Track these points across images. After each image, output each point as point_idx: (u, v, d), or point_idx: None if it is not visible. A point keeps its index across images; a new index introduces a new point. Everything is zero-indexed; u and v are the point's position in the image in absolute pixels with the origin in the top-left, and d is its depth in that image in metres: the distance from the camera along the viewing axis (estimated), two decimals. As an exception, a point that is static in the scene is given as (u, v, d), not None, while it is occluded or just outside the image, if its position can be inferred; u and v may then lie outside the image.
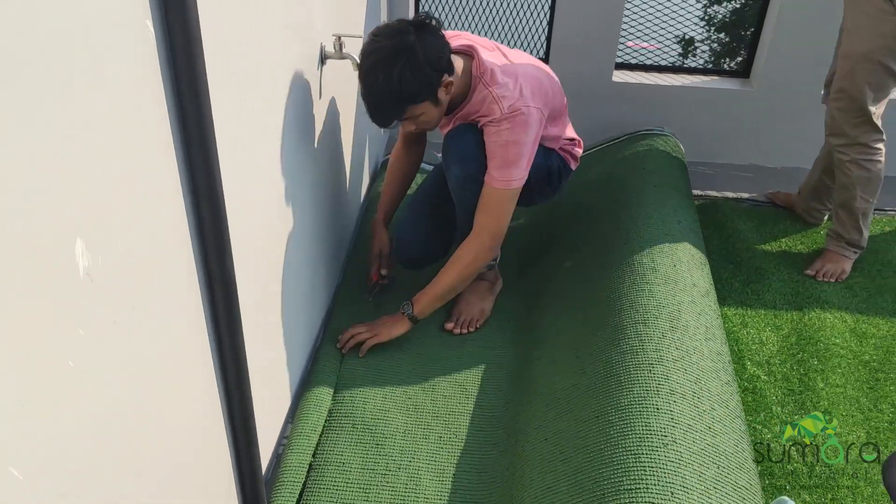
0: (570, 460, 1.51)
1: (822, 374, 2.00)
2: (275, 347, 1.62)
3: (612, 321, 1.81)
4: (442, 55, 1.69)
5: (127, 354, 0.94)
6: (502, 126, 1.76)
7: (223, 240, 1.14)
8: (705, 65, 5.80)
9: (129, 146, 0.90)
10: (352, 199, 2.39)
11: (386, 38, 1.66)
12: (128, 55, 0.88)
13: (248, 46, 1.28)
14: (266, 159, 1.46)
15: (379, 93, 1.67)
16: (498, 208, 1.83)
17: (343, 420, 1.75)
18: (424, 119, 1.78)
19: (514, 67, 1.83)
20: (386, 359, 1.92)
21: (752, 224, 2.66)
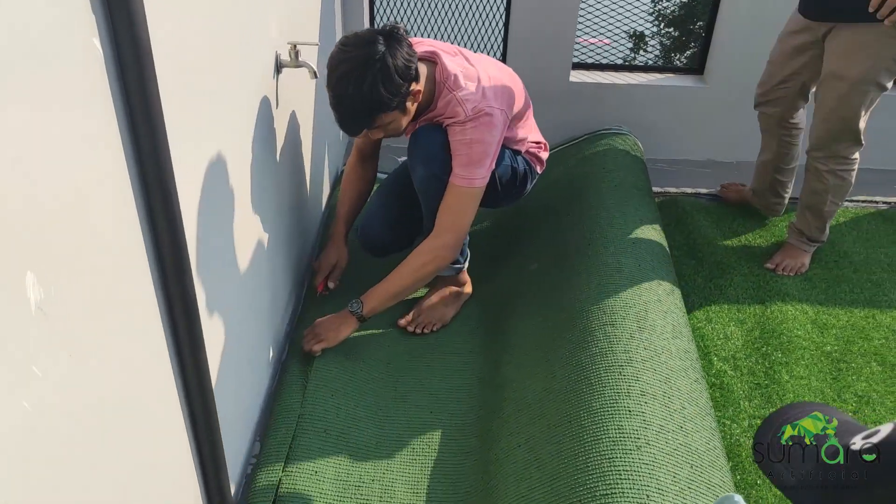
0: (544, 467, 1.50)
1: (787, 366, 2.03)
2: (239, 365, 1.58)
3: (581, 323, 1.81)
4: (410, 64, 1.68)
5: (85, 389, 0.89)
6: (467, 126, 1.77)
7: (182, 260, 1.11)
8: (656, 59, 5.88)
9: (79, 169, 0.86)
10: (312, 208, 2.36)
11: (356, 47, 1.64)
12: (75, 76, 0.84)
13: (200, 59, 1.24)
14: (225, 175, 1.42)
15: (350, 103, 1.66)
16: (460, 207, 1.82)
17: (317, 424, 1.70)
18: (393, 127, 1.78)
19: (477, 71, 1.83)
20: (358, 361, 1.89)
21: (711, 219, 2.69)
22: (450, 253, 1.86)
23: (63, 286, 0.82)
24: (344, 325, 1.85)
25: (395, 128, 1.79)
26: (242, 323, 1.58)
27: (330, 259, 2.08)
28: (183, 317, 1.14)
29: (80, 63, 0.86)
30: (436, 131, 1.83)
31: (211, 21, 1.30)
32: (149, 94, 0.95)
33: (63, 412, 0.84)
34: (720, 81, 3.00)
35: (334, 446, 1.67)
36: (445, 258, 1.86)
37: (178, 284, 1.11)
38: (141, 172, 1.00)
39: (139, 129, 0.97)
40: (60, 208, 0.82)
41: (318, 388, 1.78)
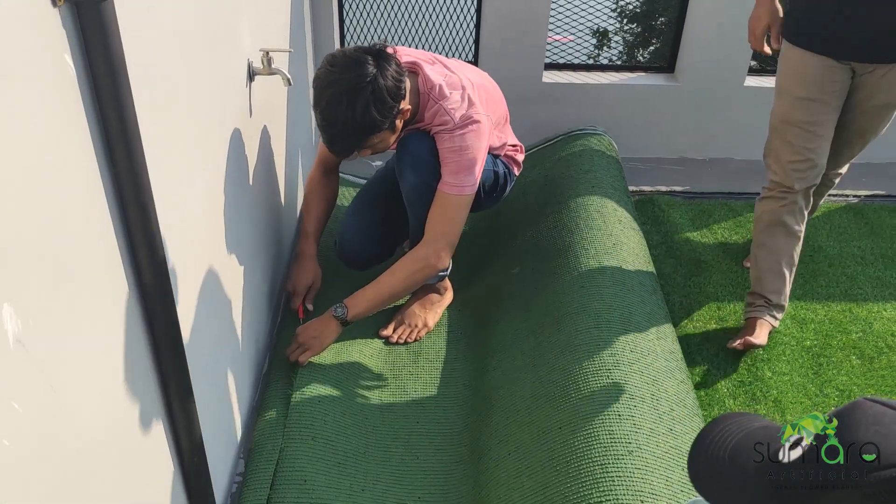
0: (536, 475, 1.49)
1: (769, 363, 2.04)
2: (220, 382, 1.54)
3: (566, 327, 1.80)
4: (400, 83, 1.67)
5: (67, 422, 0.85)
6: (455, 133, 1.76)
7: (164, 281, 1.07)
8: (619, 56, 5.92)
9: (54, 192, 0.82)
10: (287, 216, 2.32)
11: (345, 69, 1.62)
12: (47, 94, 0.80)
13: (172, 70, 1.20)
14: (202, 190, 1.38)
15: (342, 126, 1.64)
16: (451, 215, 1.80)
17: (304, 432, 1.65)
18: (382, 146, 1.77)
19: (459, 79, 1.82)
20: (342, 370, 1.85)
21: (687, 217, 2.71)
22: (441, 262, 1.83)
23: (41, 316, 0.79)
24: (327, 331, 1.81)
25: (383, 146, 1.78)
26: (223, 339, 1.54)
27: (305, 280, 1.99)
28: (165, 339, 1.10)
29: (51, 80, 0.82)
30: (424, 138, 1.81)
31: (182, 30, 1.26)
32: (124, 111, 0.92)
33: (45, 448, 0.80)
34: (691, 79, 3.01)
35: (322, 454, 1.63)
36: (436, 266, 1.83)
37: (160, 306, 1.07)
38: (118, 192, 0.96)
39: (115, 147, 0.93)
40: (35, 234, 0.78)
41: (303, 396, 1.74)
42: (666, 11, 6.27)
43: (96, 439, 0.94)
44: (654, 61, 4.85)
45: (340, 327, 1.82)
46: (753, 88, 3.05)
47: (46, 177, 0.80)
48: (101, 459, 0.95)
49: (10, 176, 0.73)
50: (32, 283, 0.77)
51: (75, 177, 0.87)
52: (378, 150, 1.79)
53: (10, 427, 0.73)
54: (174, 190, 1.19)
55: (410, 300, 2.09)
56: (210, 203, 1.44)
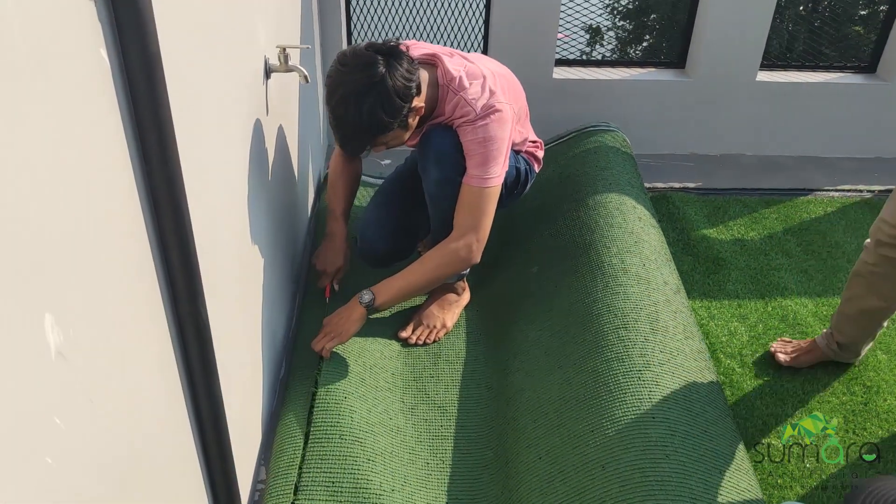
0: (569, 480, 1.45)
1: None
2: (243, 388, 1.50)
3: (592, 327, 1.76)
4: (411, 82, 1.63)
5: (107, 437, 0.81)
6: (478, 124, 1.72)
7: (195, 286, 1.03)
8: (613, 52, 5.91)
9: (88, 194, 0.78)
10: (300, 217, 2.27)
11: (356, 70, 1.60)
12: (83, 92, 0.76)
13: (199, 65, 1.16)
14: (226, 192, 1.33)
15: (351, 126, 1.63)
16: (480, 208, 1.76)
17: (330, 431, 1.60)
18: (395, 143, 1.75)
19: (480, 69, 1.79)
20: (364, 369, 1.80)
21: (703, 213, 2.67)
22: (470, 256, 1.78)
23: (79, 326, 0.74)
24: (353, 318, 1.78)
25: (396, 143, 1.75)
26: (246, 343, 1.50)
27: (335, 261, 1.98)
28: (195, 345, 1.06)
29: (87, 77, 0.77)
30: (446, 132, 1.77)
31: (206, 25, 1.21)
32: (160, 109, 0.87)
33: (86, 464, 0.76)
34: (702, 75, 2.99)
35: (350, 452, 1.57)
36: (466, 260, 1.79)
37: (190, 312, 1.03)
38: (150, 192, 0.92)
39: (148, 146, 0.89)
40: (70, 238, 0.74)
41: (327, 395, 1.69)
42: (660, 7, 6.26)
43: (129, 451, 0.89)
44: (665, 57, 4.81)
45: (366, 315, 1.79)
46: (765, 83, 3.02)
47: (82, 178, 0.76)
48: (132, 472, 0.91)
49: (47, 178, 0.69)
50: (70, 290, 0.73)
51: (109, 177, 0.83)
52: (392, 147, 1.77)
53: (53, 444, 0.69)
54: (203, 190, 1.15)
55: (428, 301, 2.06)
56: (234, 203, 1.39)
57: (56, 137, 0.70)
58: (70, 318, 0.72)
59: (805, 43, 4.61)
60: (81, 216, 0.76)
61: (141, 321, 0.93)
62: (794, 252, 2.48)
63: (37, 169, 0.67)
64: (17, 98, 0.63)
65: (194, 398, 1.11)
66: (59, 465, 0.70)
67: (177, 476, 1.09)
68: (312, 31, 2.57)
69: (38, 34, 0.67)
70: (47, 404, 0.68)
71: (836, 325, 1.93)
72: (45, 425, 0.68)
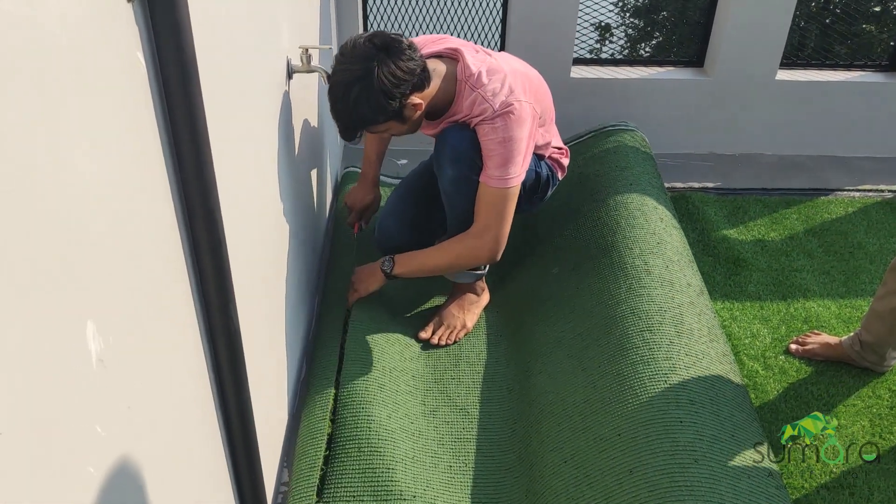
0: (596, 484, 1.44)
1: (817, 364, 1.99)
2: (267, 390, 1.49)
3: (616, 330, 1.75)
4: (406, 79, 1.63)
5: (143, 444, 0.81)
6: (496, 123, 1.70)
7: (226, 290, 1.02)
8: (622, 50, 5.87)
9: (125, 200, 0.77)
10: (319, 219, 2.27)
11: (351, 61, 1.62)
12: (120, 96, 0.75)
13: (226, 70, 1.15)
14: (254, 197, 1.33)
15: (339, 115, 1.69)
16: (499, 209, 1.76)
17: (348, 445, 1.60)
18: (393, 132, 1.78)
19: (502, 66, 1.77)
20: (385, 373, 1.80)
21: (722, 214, 2.65)
22: (488, 255, 1.81)
23: (118, 333, 0.74)
24: (373, 279, 1.91)
25: (395, 132, 1.78)
26: (271, 345, 1.50)
27: (365, 199, 2.12)
28: (226, 350, 1.06)
29: (123, 79, 0.77)
30: (463, 130, 1.76)
31: (234, 26, 1.21)
32: (195, 112, 0.87)
33: (124, 473, 0.76)
34: (721, 73, 2.96)
35: (369, 463, 1.57)
36: (481, 258, 1.83)
37: (222, 318, 1.02)
38: (184, 197, 0.91)
39: (184, 153, 0.88)
40: (111, 246, 0.73)
41: (346, 403, 1.68)
42: (670, 5, 6.22)
43: (162, 459, 0.89)
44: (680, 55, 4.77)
45: (385, 280, 1.89)
46: (785, 82, 2.99)
47: (120, 185, 0.75)
48: (165, 479, 0.90)
49: (88, 186, 0.68)
50: (110, 298, 0.72)
51: (146, 184, 0.82)
52: (395, 134, 1.81)
53: (95, 453, 0.68)
54: (231, 194, 1.14)
55: (447, 301, 2.05)
56: (260, 206, 1.39)
57: (96, 144, 0.70)
58: (110, 326, 0.71)
59: (817, 40, 4.57)
60: (121, 223, 0.75)
61: (174, 327, 0.92)
62: (816, 253, 2.46)
63: (78, 176, 0.66)
64: (60, 104, 0.63)
65: (223, 403, 1.11)
66: (100, 474, 0.70)
67: (206, 481, 1.08)
68: (330, 32, 2.56)
69: (81, 37, 0.66)
70: (90, 413, 0.67)
71: (865, 323, 1.91)
72: (87, 434, 0.67)
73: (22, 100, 0.56)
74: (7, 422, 0.54)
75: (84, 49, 0.67)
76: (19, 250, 0.56)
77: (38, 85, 0.59)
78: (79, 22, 0.66)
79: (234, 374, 1.09)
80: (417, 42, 1.75)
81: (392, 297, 2.07)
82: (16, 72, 0.55)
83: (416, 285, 2.14)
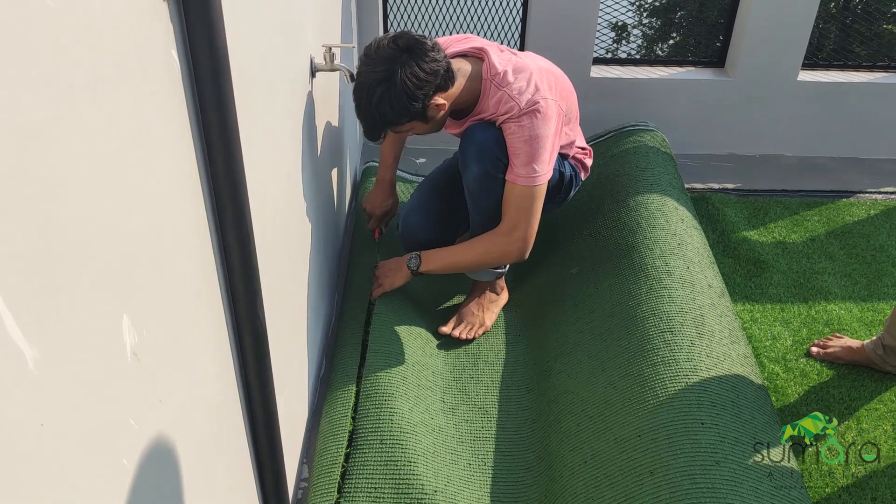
0: (616, 485, 1.44)
1: (838, 368, 1.97)
2: (289, 386, 1.50)
3: (636, 331, 1.74)
4: (429, 80, 1.65)
5: (174, 436, 0.82)
6: (523, 122, 1.72)
7: (253, 285, 1.03)
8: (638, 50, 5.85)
9: (158, 195, 0.78)
10: (339, 217, 2.28)
11: (375, 63, 1.64)
12: (156, 94, 0.76)
13: (254, 68, 1.16)
14: (279, 193, 1.34)
15: (363, 116, 1.71)
16: (526, 207, 1.78)
17: (370, 437, 1.61)
18: (416, 132, 1.80)
19: (527, 64, 1.78)
20: (407, 366, 1.80)
21: (743, 215, 2.64)
22: (517, 254, 1.83)
23: (151, 326, 0.75)
24: (398, 275, 1.94)
25: (419, 132, 1.79)
26: (294, 342, 1.51)
27: (383, 205, 2.15)
28: (252, 345, 1.06)
29: (158, 77, 0.78)
30: (489, 128, 1.77)
31: (260, 26, 1.22)
32: (226, 110, 0.88)
33: (154, 465, 0.77)
34: (742, 74, 2.94)
35: (391, 456, 1.57)
36: (510, 257, 1.84)
37: (249, 314, 1.03)
38: (216, 197, 0.92)
39: (214, 150, 0.89)
40: (146, 242, 0.74)
41: (368, 397, 1.69)
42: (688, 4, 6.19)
43: (189, 453, 0.90)
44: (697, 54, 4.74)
45: (410, 276, 1.92)
46: (807, 83, 2.97)
47: (155, 183, 0.76)
48: (192, 474, 0.91)
49: (125, 183, 0.69)
50: (143, 291, 0.73)
51: (179, 182, 0.83)
52: (419, 134, 1.81)
53: (129, 445, 0.69)
54: (257, 190, 1.15)
55: (467, 299, 2.06)
56: (284, 202, 1.40)
57: (132, 141, 0.71)
58: (144, 320, 0.72)
59: (836, 41, 4.52)
60: (154, 220, 0.76)
61: (203, 322, 0.93)
62: (838, 255, 2.44)
63: (116, 175, 0.67)
64: (101, 103, 0.63)
65: (248, 399, 1.12)
66: (132, 466, 0.71)
67: (231, 475, 1.09)
68: (351, 31, 2.57)
69: (120, 37, 0.67)
70: (125, 405, 0.68)
71: (888, 326, 1.89)
72: (122, 427, 0.68)
73: (65, 95, 0.57)
74: (50, 413, 0.55)
75: (121, 47, 0.68)
76: (59, 246, 0.57)
77: (79, 82, 0.60)
78: (117, 19, 0.67)
79: (259, 370, 1.10)
80: (442, 42, 1.76)
81: (413, 294, 2.08)
82: (58, 67, 0.56)
83: (436, 283, 2.15)
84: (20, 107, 0.51)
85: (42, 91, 0.54)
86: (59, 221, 0.57)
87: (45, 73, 0.54)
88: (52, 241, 0.56)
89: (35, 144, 0.53)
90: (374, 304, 1.96)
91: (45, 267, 0.55)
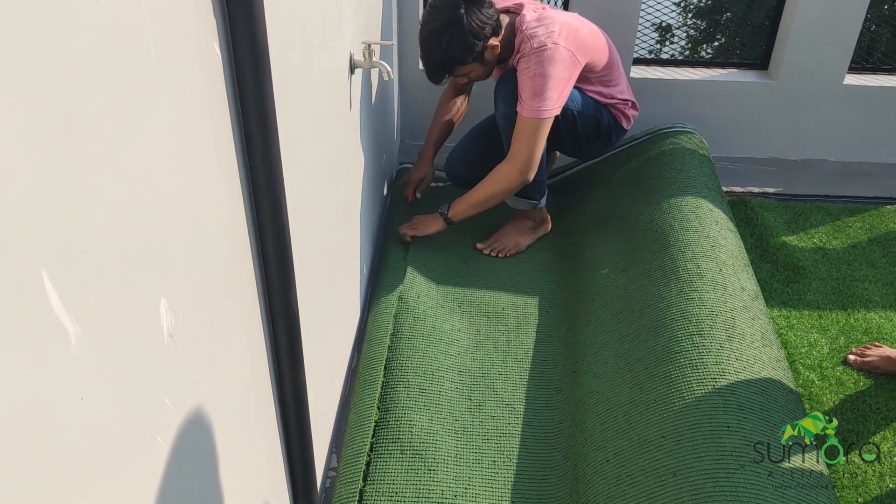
0: (638, 484, 1.44)
1: (876, 377, 1.94)
2: (321, 377, 1.53)
3: (665, 332, 1.74)
4: (486, 24, 1.95)
5: (207, 417, 0.85)
6: (531, 60, 1.96)
7: (288, 275, 1.06)
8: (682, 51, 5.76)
9: (198, 184, 0.81)
10: (373, 213, 2.31)
11: (441, 10, 1.94)
12: (198, 87, 0.79)
13: (294, 63, 1.19)
14: (316, 188, 1.37)
15: (429, 58, 1.99)
16: (529, 136, 2.00)
17: (391, 446, 1.65)
18: (473, 75, 2.09)
19: (553, 16, 2.02)
20: (427, 378, 1.83)
21: (783, 220, 2.60)
22: (518, 177, 2.05)
23: (189, 309, 0.78)
24: (434, 223, 2.20)
25: (475, 76, 2.10)
26: (327, 332, 1.54)
27: (419, 174, 2.41)
28: (285, 334, 1.09)
29: (201, 71, 0.81)
30: (515, 75, 2.02)
31: (301, 21, 1.24)
32: (265, 103, 0.90)
33: (188, 445, 0.80)
34: (786, 77, 2.89)
35: (411, 465, 1.61)
36: (514, 181, 2.06)
37: (282, 303, 1.06)
38: (253, 188, 0.95)
39: (253, 142, 0.92)
40: (181, 227, 0.77)
41: (391, 401, 1.73)
42: (734, 6, 6.08)
43: (221, 436, 0.93)
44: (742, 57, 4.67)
45: (444, 224, 2.17)
46: (853, 87, 2.91)
47: (195, 171, 0.79)
48: (223, 457, 0.94)
49: (166, 172, 0.72)
50: (181, 276, 0.76)
51: (218, 170, 0.86)
52: (473, 79, 2.14)
53: (164, 424, 0.73)
54: (295, 184, 1.18)
55: (507, 222, 2.33)
56: (321, 197, 1.43)
57: (175, 132, 0.74)
58: (181, 303, 0.75)
59: (887, 44, 4.41)
60: (194, 208, 0.79)
61: (238, 308, 0.96)
62: (880, 263, 2.39)
63: (157, 164, 0.70)
64: (145, 94, 0.66)
65: (280, 386, 1.15)
66: (167, 444, 0.74)
67: (261, 460, 1.13)
68: (392, 28, 2.60)
69: (164, 30, 0.70)
70: (160, 385, 0.72)
71: None
72: (157, 405, 0.71)
73: (110, 86, 0.60)
74: (90, 388, 0.58)
75: (165, 40, 0.71)
76: (102, 230, 0.60)
77: (123, 74, 0.63)
78: (161, 13, 0.70)
79: (291, 358, 1.13)
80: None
81: (445, 286, 2.12)
82: (103, 59, 0.59)
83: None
84: (70, 96, 0.54)
85: (89, 81, 0.57)
86: (103, 207, 0.60)
87: (91, 65, 0.57)
88: (96, 226, 0.59)
89: (83, 131, 0.56)
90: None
91: (88, 249, 0.58)
